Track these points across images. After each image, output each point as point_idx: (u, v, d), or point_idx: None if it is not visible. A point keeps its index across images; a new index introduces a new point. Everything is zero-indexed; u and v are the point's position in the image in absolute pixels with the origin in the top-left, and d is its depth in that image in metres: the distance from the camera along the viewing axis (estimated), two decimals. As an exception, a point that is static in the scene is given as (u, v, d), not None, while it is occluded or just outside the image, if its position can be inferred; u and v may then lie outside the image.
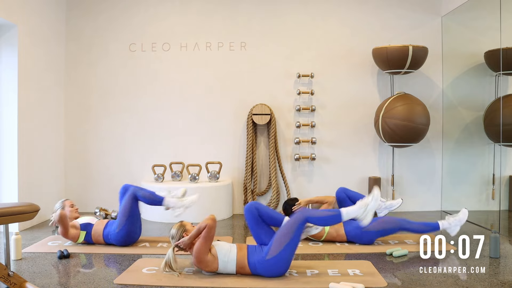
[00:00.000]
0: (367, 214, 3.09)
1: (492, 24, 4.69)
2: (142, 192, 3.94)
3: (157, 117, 5.59)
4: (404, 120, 4.96)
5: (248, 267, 3.11)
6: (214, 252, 3.11)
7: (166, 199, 3.96)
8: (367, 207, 3.08)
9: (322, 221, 3.15)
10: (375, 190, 3.13)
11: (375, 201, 3.08)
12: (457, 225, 3.89)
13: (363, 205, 3.09)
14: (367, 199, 3.12)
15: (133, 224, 3.92)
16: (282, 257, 3.05)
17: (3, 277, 2.65)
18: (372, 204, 3.08)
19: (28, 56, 4.74)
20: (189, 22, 5.59)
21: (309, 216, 3.11)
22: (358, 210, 3.09)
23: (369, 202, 3.09)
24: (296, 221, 3.10)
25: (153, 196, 3.95)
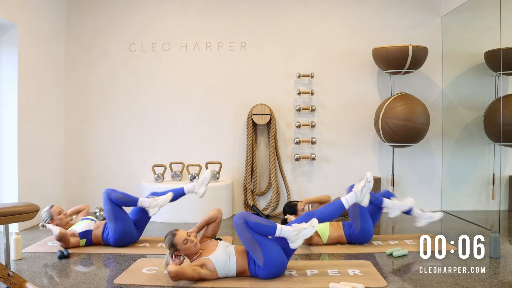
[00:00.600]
0: (298, 238, 3.09)
1: (492, 24, 4.70)
2: (115, 194, 3.90)
3: (157, 117, 5.59)
4: (404, 120, 4.96)
5: (249, 273, 3.11)
6: (212, 267, 3.05)
7: (140, 199, 3.96)
8: (301, 232, 3.10)
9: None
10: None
11: (311, 229, 3.11)
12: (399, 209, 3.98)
13: (298, 228, 3.10)
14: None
15: (123, 225, 3.90)
16: (270, 257, 3.03)
17: (3, 277, 2.65)
18: (307, 231, 3.10)
19: (28, 56, 4.74)
20: (189, 22, 5.59)
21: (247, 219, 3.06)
22: (292, 232, 3.08)
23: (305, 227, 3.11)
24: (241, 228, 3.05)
25: (126, 197, 3.94)
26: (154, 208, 3.96)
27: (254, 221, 3.06)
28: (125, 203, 3.93)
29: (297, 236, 3.08)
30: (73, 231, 3.90)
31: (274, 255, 3.05)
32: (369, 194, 3.43)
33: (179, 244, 3.05)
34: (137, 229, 4.04)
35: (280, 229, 3.07)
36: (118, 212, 3.90)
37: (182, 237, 3.06)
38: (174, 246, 3.05)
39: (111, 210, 3.88)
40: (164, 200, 3.99)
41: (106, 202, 3.89)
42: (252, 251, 3.05)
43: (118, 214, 3.90)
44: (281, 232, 3.07)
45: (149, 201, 3.96)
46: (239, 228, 3.07)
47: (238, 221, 3.07)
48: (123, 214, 3.93)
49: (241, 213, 3.11)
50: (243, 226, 3.05)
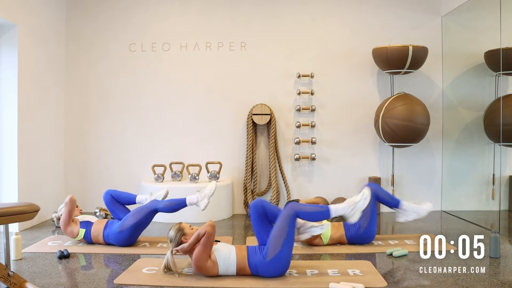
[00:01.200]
0: (354, 213, 3.14)
1: (492, 24, 4.70)
2: (163, 203, 3.94)
3: (157, 117, 5.59)
4: (404, 120, 4.96)
5: (249, 268, 3.11)
6: (214, 257, 3.08)
7: (188, 198, 3.98)
8: (356, 206, 3.17)
9: (311, 216, 3.19)
10: (366, 190, 3.23)
11: (363, 201, 3.14)
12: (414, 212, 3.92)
13: (352, 203, 3.16)
14: (356, 197, 3.21)
15: (136, 231, 3.92)
16: (282, 256, 3.05)
17: (3, 277, 2.65)
18: (361, 204, 3.15)
19: (28, 56, 4.74)
20: (189, 22, 5.59)
21: (298, 210, 3.13)
22: (347, 208, 3.15)
23: (358, 201, 3.15)
24: (287, 217, 3.11)
25: (174, 202, 3.95)
26: (203, 201, 3.99)
27: (306, 210, 3.13)
28: (175, 207, 3.95)
29: (354, 210, 3.14)
30: (75, 218, 3.96)
31: (287, 254, 3.07)
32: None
33: (186, 228, 3.17)
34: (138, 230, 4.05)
35: (335, 210, 3.14)
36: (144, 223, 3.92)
37: (187, 225, 3.21)
38: (182, 229, 3.15)
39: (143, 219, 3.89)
40: (211, 189, 4.01)
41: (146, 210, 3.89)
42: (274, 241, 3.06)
43: (142, 224, 3.92)
44: (336, 212, 3.14)
45: (196, 197, 3.99)
46: (284, 216, 3.11)
47: (289, 210, 3.12)
48: (144, 226, 3.97)
49: (291, 203, 3.19)
50: (290, 217, 3.09)
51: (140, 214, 3.90)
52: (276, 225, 3.14)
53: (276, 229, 3.11)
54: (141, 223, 3.91)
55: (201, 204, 4.01)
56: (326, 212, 3.16)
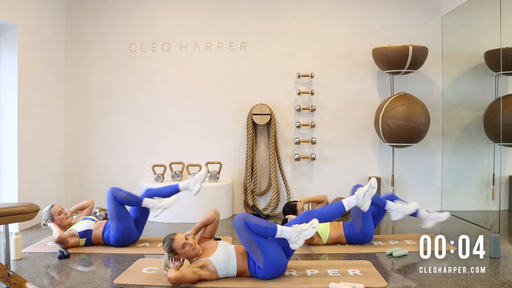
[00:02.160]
0: (299, 239, 3.08)
1: (492, 24, 4.70)
2: (120, 193, 3.89)
3: (157, 117, 5.59)
4: (404, 120, 4.96)
5: (249, 273, 3.11)
6: (212, 268, 3.04)
7: (145, 199, 3.95)
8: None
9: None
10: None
11: (312, 230, 3.09)
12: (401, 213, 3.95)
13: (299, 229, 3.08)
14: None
15: (125, 225, 3.89)
16: (270, 258, 3.03)
17: (3, 277, 2.65)
18: (308, 232, 3.08)
19: (28, 56, 4.74)
20: (189, 22, 5.59)
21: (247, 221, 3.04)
22: (293, 233, 3.07)
23: (306, 228, 3.08)
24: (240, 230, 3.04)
25: (131, 197, 3.93)
26: (158, 210, 3.95)
27: (254, 222, 3.05)
28: (129, 202, 3.93)
29: (298, 237, 3.07)
30: (73, 231, 3.89)
31: (274, 257, 3.04)
32: (370, 200, 3.40)
33: (178, 249, 3.03)
34: (136, 228, 4.03)
35: (280, 231, 3.07)
36: (121, 211, 3.89)
37: (181, 242, 3.04)
38: (173, 251, 3.04)
39: (114, 209, 3.87)
40: (169, 203, 3.98)
41: (110, 201, 3.88)
42: (252, 252, 3.05)
43: (121, 213, 3.89)
44: (282, 233, 3.06)
45: (153, 202, 3.95)
46: (239, 230, 3.06)
47: (238, 222, 3.06)
48: (125, 214, 3.93)
49: (241, 215, 3.10)
50: (243, 228, 3.04)
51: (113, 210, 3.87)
52: (242, 242, 3.08)
53: (245, 244, 3.06)
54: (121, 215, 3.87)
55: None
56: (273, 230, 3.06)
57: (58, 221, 3.92)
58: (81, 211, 4.33)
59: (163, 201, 3.97)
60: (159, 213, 3.96)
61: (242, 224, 3.04)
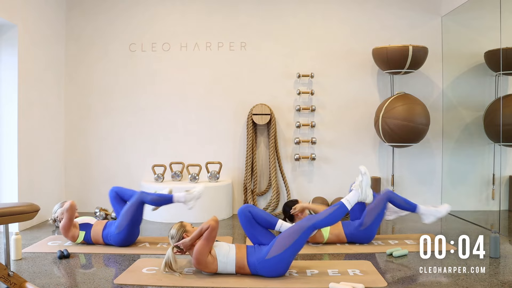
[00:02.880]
0: (366, 192, 3.18)
1: (492, 24, 4.70)
2: (150, 197, 3.94)
3: (157, 117, 5.59)
4: (404, 120, 4.96)
5: (248, 267, 3.10)
6: (213, 253, 3.10)
7: (175, 195, 3.97)
8: (362, 184, 3.23)
9: (330, 220, 3.19)
10: (361, 167, 3.32)
11: (365, 177, 3.19)
12: (433, 215, 4.01)
13: (357, 186, 3.20)
14: (357, 179, 3.29)
15: (133, 228, 3.91)
16: (282, 258, 3.05)
17: (3, 277, 2.65)
18: (365, 180, 3.19)
19: (28, 56, 4.74)
20: (189, 22, 5.59)
21: (315, 222, 3.13)
22: (356, 193, 3.19)
23: (360, 180, 3.21)
24: (301, 228, 3.11)
25: (161, 198, 3.96)
26: (191, 202, 3.98)
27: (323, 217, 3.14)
28: (161, 203, 3.97)
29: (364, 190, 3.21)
30: (74, 222, 3.93)
31: (288, 259, 3.07)
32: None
33: (188, 225, 3.21)
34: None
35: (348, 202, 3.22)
36: (140, 215, 3.92)
37: (189, 223, 3.24)
38: (184, 226, 3.18)
39: (134, 211, 3.87)
40: (199, 192, 4.00)
41: (134, 205, 3.88)
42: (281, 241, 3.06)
43: (137, 217, 3.91)
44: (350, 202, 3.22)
45: (184, 196, 3.97)
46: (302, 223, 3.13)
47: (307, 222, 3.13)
48: (140, 219, 3.95)
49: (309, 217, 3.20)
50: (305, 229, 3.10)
51: (131, 210, 3.88)
52: (289, 229, 3.15)
53: (287, 232, 3.12)
54: (135, 218, 3.90)
55: (189, 204, 4.01)
56: (342, 207, 3.18)
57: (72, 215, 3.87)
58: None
59: (192, 193, 3.98)
60: (193, 204, 3.99)
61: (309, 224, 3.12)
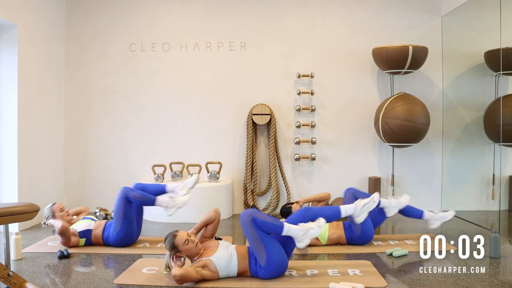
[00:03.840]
0: (305, 238, 3.08)
1: (492, 24, 4.70)
2: (132, 193, 3.85)
3: (157, 117, 5.59)
4: (404, 120, 4.96)
5: (250, 272, 3.11)
6: (213, 268, 3.04)
7: (158, 198, 3.89)
8: (308, 231, 3.09)
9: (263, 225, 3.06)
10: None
11: (318, 229, 3.09)
12: (439, 220, 4.06)
13: (306, 228, 3.09)
14: (312, 223, 3.12)
15: (129, 226, 3.88)
16: (273, 258, 3.03)
17: (3, 277, 2.65)
18: (314, 231, 3.09)
19: (28, 56, 4.74)
20: (189, 22, 5.59)
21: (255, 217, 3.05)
22: (299, 231, 3.08)
23: (312, 227, 3.09)
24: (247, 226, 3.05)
25: (144, 197, 3.88)
26: (171, 209, 3.88)
27: (262, 219, 3.06)
28: (143, 202, 3.89)
29: (304, 236, 3.07)
30: (73, 230, 3.89)
31: (277, 256, 3.05)
32: (367, 213, 3.41)
33: (180, 245, 3.03)
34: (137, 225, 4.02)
35: (287, 229, 3.07)
36: (128, 212, 3.86)
37: (183, 238, 3.04)
38: (176, 247, 3.03)
39: (123, 209, 3.83)
40: (183, 202, 3.91)
41: (121, 200, 3.84)
42: (256, 249, 3.05)
43: (127, 214, 3.86)
44: (288, 231, 3.07)
45: (167, 201, 3.88)
46: (245, 225, 3.07)
47: (245, 218, 3.07)
48: (131, 215, 3.90)
49: (248, 210, 3.12)
50: (250, 224, 3.05)
51: (120, 207, 3.85)
52: (247, 237, 3.10)
53: (249, 241, 3.09)
54: (127, 215, 3.86)
55: (169, 211, 3.91)
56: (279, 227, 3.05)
57: (59, 218, 3.92)
58: (77, 215, 4.33)
59: (176, 200, 3.90)
60: (174, 212, 3.89)
61: (249, 219, 3.05)
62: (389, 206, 3.98)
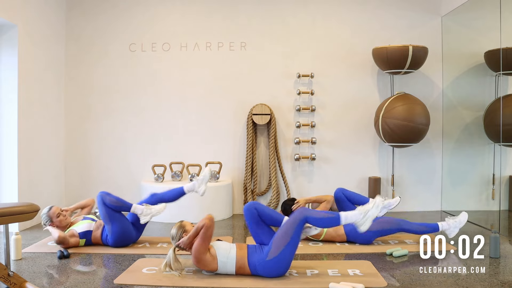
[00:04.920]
0: (366, 221, 3.09)
1: (492, 24, 4.70)
2: (108, 198, 3.88)
3: (157, 117, 5.59)
4: (404, 120, 4.96)
5: (248, 267, 3.10)
6: (213, 252, 3.11)
7: (134, 205, 3.94)
8: (367, 213, 3.08)
9: (320, 223, 3.12)
10: (377, 198, 3.14)
11: (375, 209, 3.08)
12: (456, 227, 3.90)
13: (364, 211, 3.09)
14: (368, 205, 3.11)
15: (121, 226, 3.89)
16: (282, 258, 3.05)
17: (3, 277, 2.65)
18: (372, 211, 3.08)
19: (28, 56, 4.74)
20: (189, 22, 5.59)
21: (308, 215, 3.10)
22: (358, 215, 3.08)
23: (369, 208, 3.09)
24: (295, 221, 3.10)
25: (120, 202, 3.91)
26: (146, 216, 3.95)
27: (317, 216, 3.09)
28: (118, 207, 3.90)
29: (365, 218, 3.08)
30: (73, 231, 3.88)
31: (289, 255, 3.07)
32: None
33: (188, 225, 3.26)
34: (136, 229, 4.03)
35: (345, 217, 3.08)
36: (113, 214, 3.88)
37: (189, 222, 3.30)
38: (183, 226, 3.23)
39: (106, 213, 3.86)
40: (157, 211, 3.99)
41: (100, 205, 3.87)
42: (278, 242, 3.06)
43: (113, 216, 3.88)
44: (347, 219, 3.08)
45: (142, 209, 3.95)
46: (292, 219, 3.10)
47: (298, 215, 3.11)
48: (118, 216, 3.91)
49: (301, 210, 3.16)
50: (299, 221, 3.08)
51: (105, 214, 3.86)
52: (282, 227, 3.14)
53: (281, 231, 3.11)
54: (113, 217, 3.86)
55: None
56: (336, 219, 3.10)
57: (57, 223, 3.92)
58: (81, 209, 4.33)
59: (151, 209, 3.98)
60: (147, 219, 3.97)
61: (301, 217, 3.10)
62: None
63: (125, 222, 3.94)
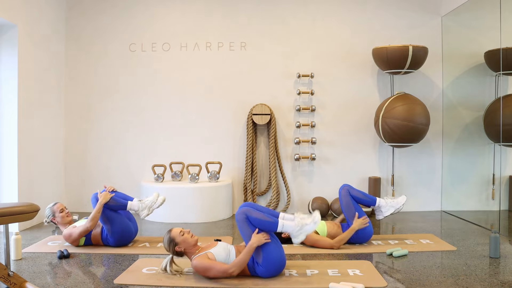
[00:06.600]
0: (300, 234, 3.10)
1: (492, 24, 4.70)
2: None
3: (157, 117, 5.59)
4: (404, 120, 4.96)
5: (247, 269, 3.11)
6: (212, 258, 3.06)
7: (129, 203, 3.95)
8: (304, 227, 3.09)
9: (256, 222, 3.08)
10: (316, 214, 3.12)
11: (313, 225, 3.09)
12: (393, 207, 4.01)
13: (301, 224, 3.09)
14: (307, 219, 3.11)
15: (119, 225, 3.90)
16: (269, 256, 3.04)
17: (3, 277, 2.65)
18: (309, 226, 3.09)
19: (28, 56, 4.74)
20: (189, 22, 5.59)
21: (249, 215, 3.08)
22: (295, 227, 3.09)
23: (307, 223, 3.09)
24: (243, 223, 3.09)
25: (116, 202, 3.91)
26: (143, 211, 3.98)
27: (256, 216, 3.08)
28: (115, 207, 3.91)
29: (300, 232, 3.09)
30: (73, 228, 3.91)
31: (273, 253, 3.05)
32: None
33: (177, 237, 3.10)
34: (130, 222, 4.03)
35: (282, 225, 3.09)
36: (111, 215, 3.89)
37: (177, 230, 3.14)
38: (173, 240, 3.10)
39: (103, 213, 3.86)
40: (152, 201, 4.00)
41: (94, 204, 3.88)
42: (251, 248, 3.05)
43: (111, 216, 3.89)
44: (283, 228, 3.09)
45: (137, 205, 3.97)
46: (240, 223, 3.10)
47: (239, 216, 3.10)
48: (116, 216, 3.91)
49: (243, 207, 3.15)
50: (244, 221, 3.08)
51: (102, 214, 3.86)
52: (242, 235, 3.13)
53: (245, 238, 3.10)
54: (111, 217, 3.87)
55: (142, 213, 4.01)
56: (273, 224, 3.08)
57: (59, 218, 3.95)
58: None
59: (145, 201, 3.99)
60: (146, 213, 3.98)
61: (243, 217, 3.09)
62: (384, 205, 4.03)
63: (124, 220, 3.95)
